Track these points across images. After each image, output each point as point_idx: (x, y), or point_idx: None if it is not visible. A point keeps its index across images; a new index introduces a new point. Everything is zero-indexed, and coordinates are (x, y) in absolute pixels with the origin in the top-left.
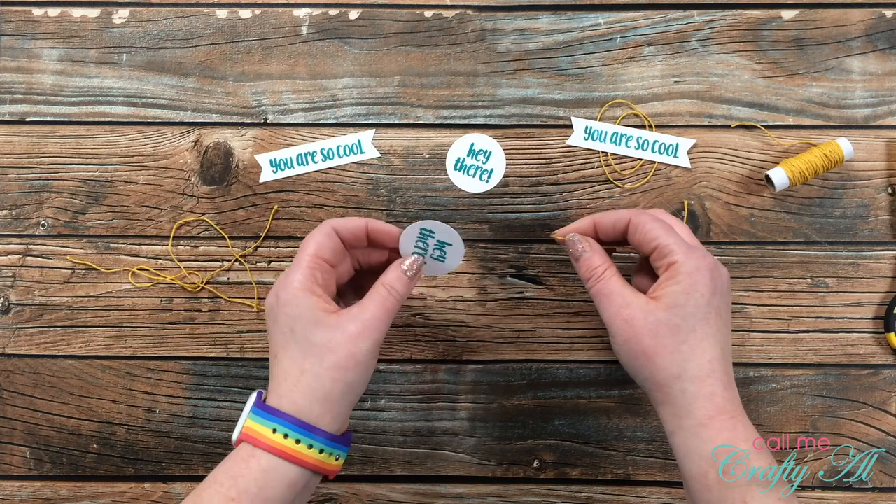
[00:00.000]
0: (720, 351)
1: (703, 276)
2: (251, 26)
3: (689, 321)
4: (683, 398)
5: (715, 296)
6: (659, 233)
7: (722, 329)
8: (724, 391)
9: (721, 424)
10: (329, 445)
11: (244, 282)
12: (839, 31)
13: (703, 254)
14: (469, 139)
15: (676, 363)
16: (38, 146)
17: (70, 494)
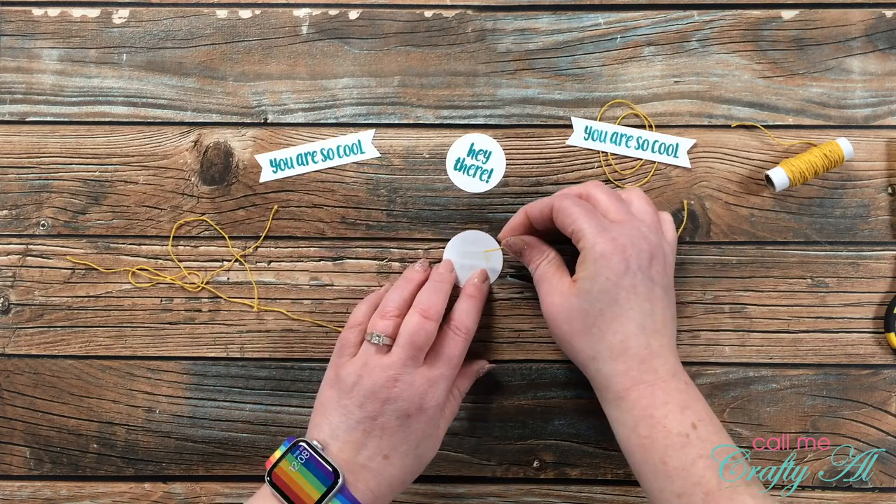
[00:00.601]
0: (635, 327)
1: (609, 259)
2: (251, 26)
3: (595, 305)
4: (600, 376)
5: (626, 275)
6: (574, 217)
7: (639, 305)
8: (639, 364)
9: (638, 394)
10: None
11: (244, 282)
12: (839, 31)
13: (616, 235)
14: (469, 139)
15: (589, 346)
16: (38, 146)
17: (70, 494)
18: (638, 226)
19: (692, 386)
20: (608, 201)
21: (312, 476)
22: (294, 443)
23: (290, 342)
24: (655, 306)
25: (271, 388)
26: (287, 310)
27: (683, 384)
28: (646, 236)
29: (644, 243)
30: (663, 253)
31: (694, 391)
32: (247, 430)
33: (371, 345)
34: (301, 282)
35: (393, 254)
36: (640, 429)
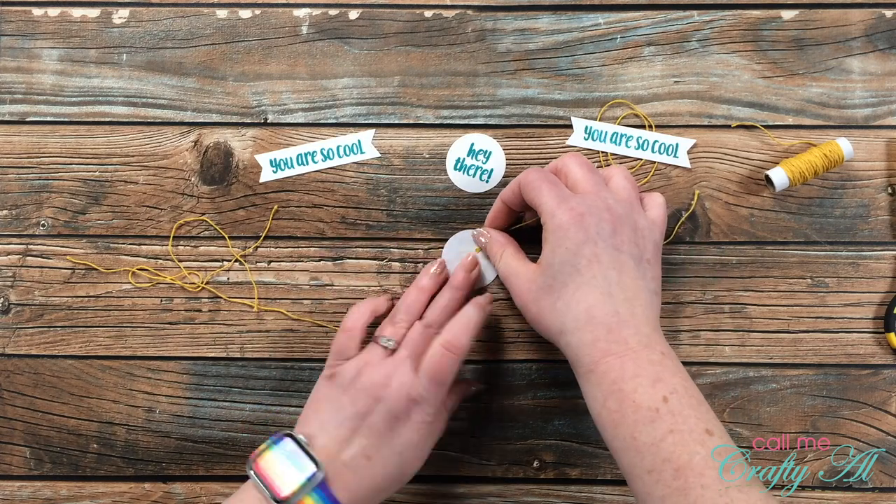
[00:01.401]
0: (600, 295)
1: (567, 229)
2: (251, 26)
3: (558, 278)
4: (570, 349)
5: (586, 244)
6: (536, 192)
7: (604, 272)
8: (607, 334)
9: (607, 366)
10: None
11: (244, 282)
12: (839, 31)
13: (575, 205)
14: (469, 139)
15: (557, 319)
16: (38, 146)
17: (70, 494)
18: (604, 197)
19: (669, 356)
20: (580, 173)
21: (293, 467)
22: (280, 436)
23: (290, 342)
24: (623, 275)
25: (271, 388)
26: (287, 310)
27: (659, 355)
28: (609, 207)
29: (606, 213)
30: (633, 226)
31: (670, 362)
32: (247, 430)
33: (379, 346)
34: (301, 282)
35: (393, 254)
36: (609, 403)
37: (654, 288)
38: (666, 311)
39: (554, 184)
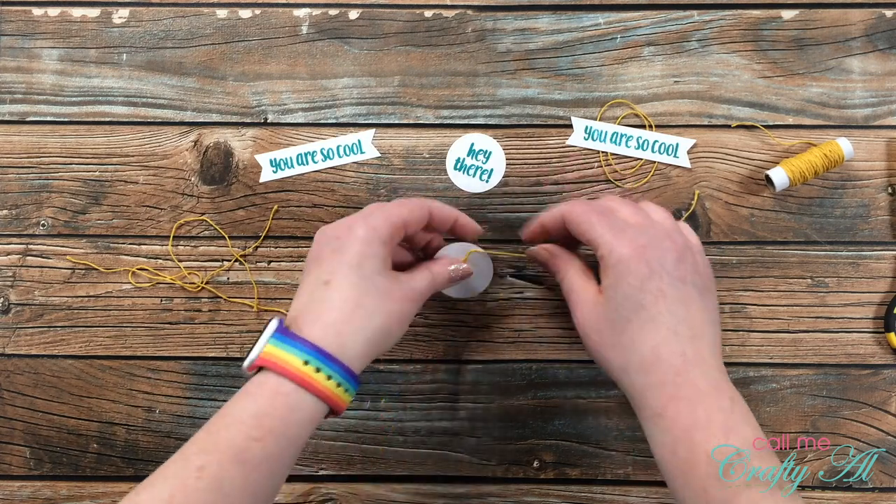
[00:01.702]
0: (667, 333)
1: (629, 263)
2: (251, 26)
3: (622, 313)
4: (634, 390)
5: (651, 279)
6: (588, 226)
7: (669, 309)
8: (675, 377)
9: (676, 411)
10: (353, 384)
11: (244, 282)
12: (839, 31)
13: (634, 236)
14: (469, 139)
15: (620, 356)
16: (38, 146)
17: (70, 494)
18: (658, 226)
19: (738, 401)
20: (626, 208)
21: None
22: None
23: None
24: (690, 310)
25: None
26: (287, 310)
27: (728, 401)
28: (669, 235)
29: (668, 242)
30: (692, 252)
31: (740, 408)
32: None
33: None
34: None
35: None
36: (679, 451)
37: (716, 319)
38: None
39: (605, 215)
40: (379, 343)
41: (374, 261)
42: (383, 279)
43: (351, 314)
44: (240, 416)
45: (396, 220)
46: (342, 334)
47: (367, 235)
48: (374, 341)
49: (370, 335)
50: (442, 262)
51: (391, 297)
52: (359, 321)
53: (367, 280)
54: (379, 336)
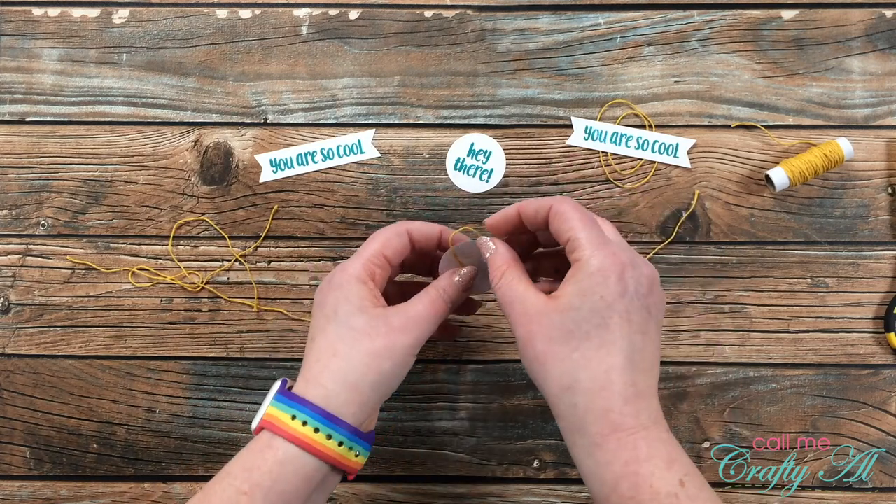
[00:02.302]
0: (623, 360)
1: (606, 276)
2: (251, 26)
3: (582, 326)
4: (574, 413)
5: (622, 299)
6: (575, 223)
7: (631, 336)
8: (622, 405)
9: (617, 444)
10: (350, 439)
11: (244, 282)
12: (839, 31)
13: (618, 251)
14: (469, 139)
15: (567, 372)
16: (38, 146)
17: (70, 494)
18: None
19: (671, 434)
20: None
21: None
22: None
23: (290, 342)
24: (647, 342)
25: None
26: (287, 310)
27: (665, 433)
28: (646, 263)
29: (645, 268)
30: (659, 286)
31: (674, 440)
32: (246, 430)
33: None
34: (301, 282)
35: None
36: (621, 488)
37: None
38: (666, 311)
39: (593, 222)
40: (370, 388)
41: (350, 304)
42: (363, 318)
43: (329, 364)
44: (233, 471)
45: (370, 255)
46: (324, 385)
47: (341, 281)
48: (361, 387)
49: (353, 381)
50: (445, 276)
51: (373, 335)
52: (337, 368)
53: (342, 325)
54: (365, 380)
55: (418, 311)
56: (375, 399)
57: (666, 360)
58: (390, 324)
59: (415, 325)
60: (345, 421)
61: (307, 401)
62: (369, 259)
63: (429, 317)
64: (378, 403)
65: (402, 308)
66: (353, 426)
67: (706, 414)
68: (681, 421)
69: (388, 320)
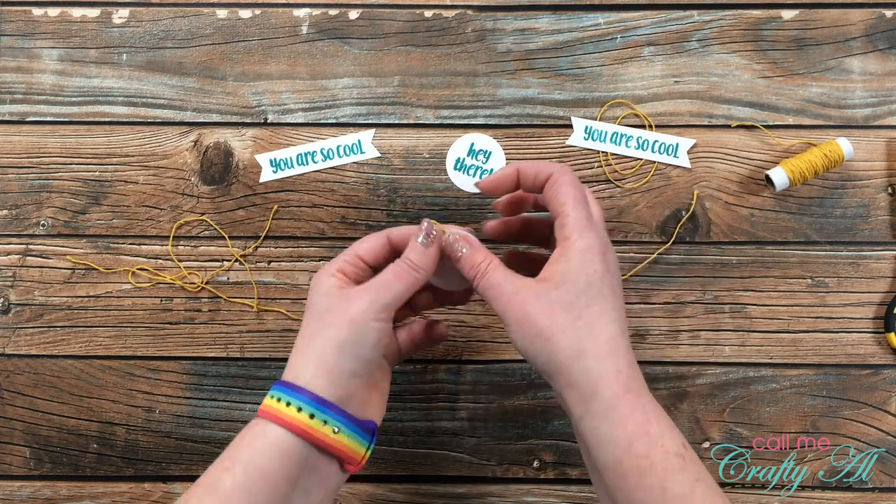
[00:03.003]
0: (619, 327)
1: (594, 254)
2: (251, 26)
3: (581, 297)
4: (588, 378)
5: (607, 274)
6: (569, 199)
7: (618, 307)
8: (628, 368)
9: (630, 404)
10: (315, 407)
11: (244, 282)
12: (839, 31)
13: (599, 234)
14: (469, 139)
15: (575, 341)
16: (38, 146)
17: (70, 494)
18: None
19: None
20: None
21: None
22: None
23: (290, 342)
24: (622, 314)
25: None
26: (287, 310)
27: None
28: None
29: (614, 253)
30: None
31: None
32: None
33: None
34: (301, 282)
35: None
36: (635, 448)
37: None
38: (666, 311)
39: (584, 202)
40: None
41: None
42: (327, 300)
43: (298, 347)
44: (221, 454)
45: (344, 255)
46: (293, 366)
47: (319, 281)
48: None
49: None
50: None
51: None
52: (303, 346)
53: (312, 314)
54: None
55: (376, 278)
56: (346, 370)
57: (666, 360)
58: (348, 296)
59: (373, 291)
60: (308, 389)
61: (280, 380)
62: (344, 259)
63: (386, 281)
64: (352, 375)
65: (366, 281)
66: (317, 395)
67: (706, 414)
68: (681, 421)
69: (347, 293)
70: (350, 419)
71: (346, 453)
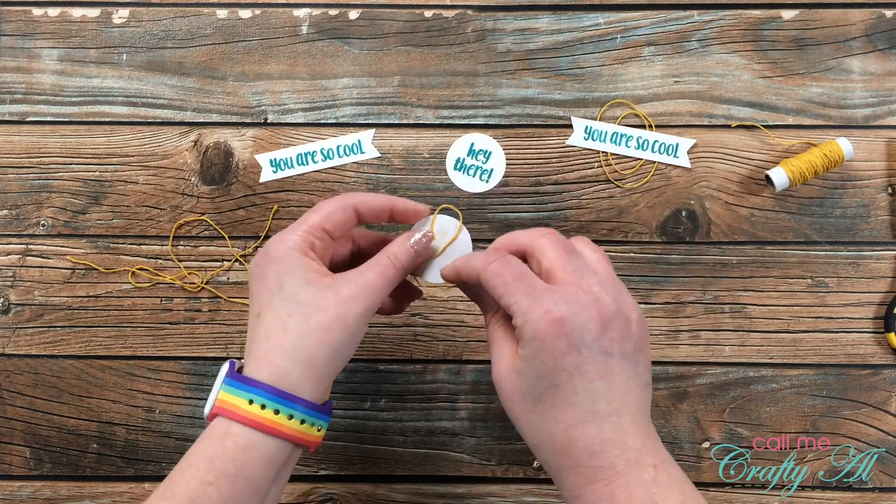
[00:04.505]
0: (582, 413)
1: (544, 340)
2: (251, 26)
3: (533, 391)
4: (549, 470)
5: (569, 356)
6: (503, 290)
7: (588, 386)
8: (590, 459)
9: (594, 496)
10: (310, 415)
11: (244, 282)
12: (839, 31)
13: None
14: (469, 139)
15: (532, 433)
16: (38, 146)
17: (70, 494)
18: (587, 285)
19: (662, 466)
20: (555, 256)
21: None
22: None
23: None
24: (611, 383)
25: None
26: None
27: (651, 471)
28: (597, 299)
29: (591, 309)
30: (625, 317)
31: (664, 475)
32: None
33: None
34: None
35: None
36: None
37: (646, 380)
38: (666, 311)
39: (521, 277)
40: (325, 361)
41: (294, 276)
42: (310, 290)
43: (280, 341)
44: (195, 462)
45: (309, 227)
46: (276, 364)
47: (280, 254)
48: (316, 362)
49: (307, 356)
50: (398, 240)
51: (323, 307)
52: (289, 345)
53: (289, 299)
54: (319, 354)
55: (368, 278)
56: (330, 372)
57: (666, 360)
58: (339, 293)
59: (365, 292)
60: (303, 398)
61: (261, 383)
62: (308, 231)
63: (379, 284)
64: (333, 375)
65: (351, 276)
66: (311, 402)
67: (706, 414)
68: (681, 421)
69: (337, 290)
70: (328, 413)
71: (319, 442)
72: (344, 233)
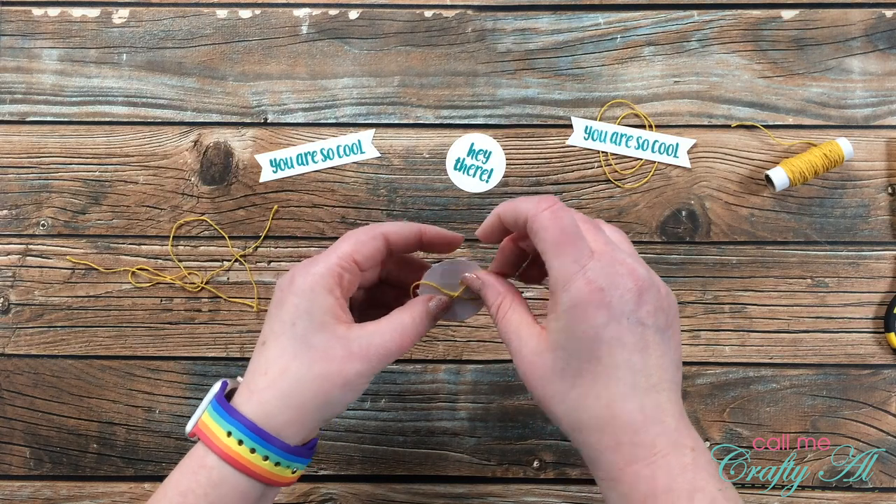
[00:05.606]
0: (624, 387)
1: (586, 309)
2: (251, 26)
3: (571, 364)
4: (587, 451)
5: (609, 325)
6: (547, 245)
7: (627, 359)
8: (633, 436)
9: (634, 477)
10: (286, 458)
11: (244, 282)
12: (839, 31)
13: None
14: (469, 139)
15: (569, 413)
16: (38, 146)
17: (70, 494)
18: (622, 258)
19: (700, 450)
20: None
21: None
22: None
23: None
24: (649, 357)
25: None
26: None
27: (690, 454)
28: (631, 269)
29: (629, 279)
30: (656, 286)
31: (703, 459)
32: None
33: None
34: None
35: None
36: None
37: (677, 357)
38: None
39: (573, 239)
40: (316, 410)
41: (310, 318)
42: (322, 337)
43: (276, 380)
44: (168, 494)
45: (340, 257)
46: (267, 402)
47: (305, 286)
48: (306, 409)
49: (299, 402)
50: (420, 301)
51: (328, 358)
52: (285, 387)
53: (299, 340)
54: (312, 403)
55: (385, 341)
56: (318, 420)
57: None
58: (349, 349)
59: (376, 356)
60: (282, 441)
61: (245, 417)
62: (338, 262)
63: (394, 349)
64: (320, 423)
65: (367, 332)
66: (290, 446)
67: (706, 414)
68: None
69: (349, 344)
70: (308, 456)
71: (294, 481)
72: (373, 265)
